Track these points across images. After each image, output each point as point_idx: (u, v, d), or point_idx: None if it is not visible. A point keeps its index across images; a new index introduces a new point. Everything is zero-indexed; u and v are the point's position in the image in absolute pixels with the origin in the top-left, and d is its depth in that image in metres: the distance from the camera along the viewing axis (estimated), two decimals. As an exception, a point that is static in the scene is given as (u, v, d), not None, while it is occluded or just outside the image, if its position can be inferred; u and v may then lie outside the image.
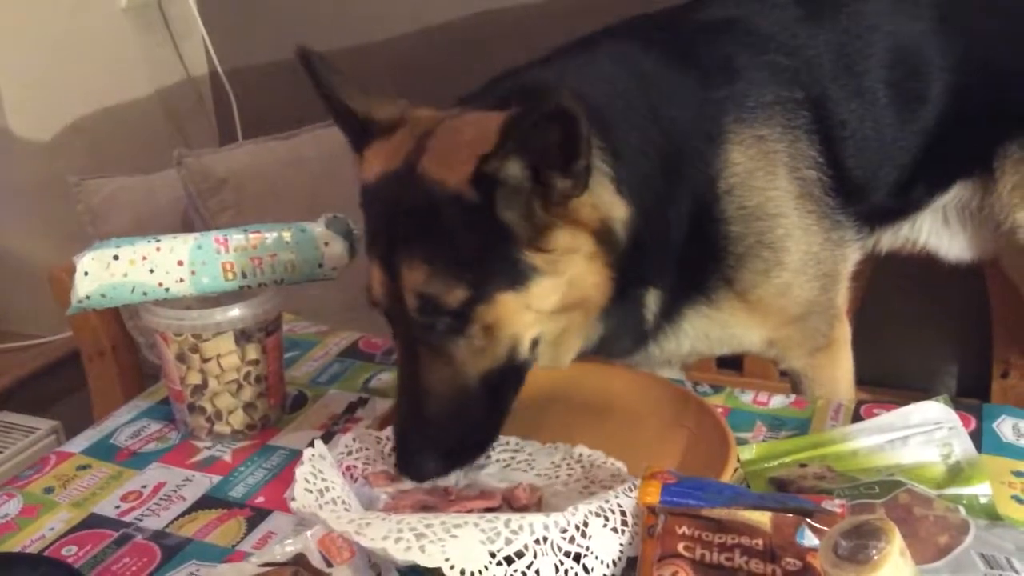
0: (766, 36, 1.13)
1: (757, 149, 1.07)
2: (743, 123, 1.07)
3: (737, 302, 1.10)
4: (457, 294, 0.90)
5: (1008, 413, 1.05)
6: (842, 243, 1.15)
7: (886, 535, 0.65)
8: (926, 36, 1.18)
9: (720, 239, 1.07)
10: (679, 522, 0.78)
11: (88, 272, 1.05)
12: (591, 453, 1.00)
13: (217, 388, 1.08)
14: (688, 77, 1.08)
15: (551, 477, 0.97)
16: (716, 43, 1.12)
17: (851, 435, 0.98)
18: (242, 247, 1.08)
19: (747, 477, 0.96)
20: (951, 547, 0.79)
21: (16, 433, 1.84)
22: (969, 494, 0.87)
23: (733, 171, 1.06)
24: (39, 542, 0.95)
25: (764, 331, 1.14)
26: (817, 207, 1.11)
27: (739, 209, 1.07)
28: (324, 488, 0.85)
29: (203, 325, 1.06)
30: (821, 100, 1.13)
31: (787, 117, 1.10)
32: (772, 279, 1.10)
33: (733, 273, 1.08)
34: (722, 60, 1.10)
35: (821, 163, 1.11)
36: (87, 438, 1.14)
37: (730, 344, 1.16)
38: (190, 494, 1.02)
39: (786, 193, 1.09)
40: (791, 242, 1.10)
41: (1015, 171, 1.23)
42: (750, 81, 1.10)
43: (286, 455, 1.08)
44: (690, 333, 1.12)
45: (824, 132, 1.12)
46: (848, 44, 1.16)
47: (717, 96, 1.08)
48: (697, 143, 1.06)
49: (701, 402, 1.07)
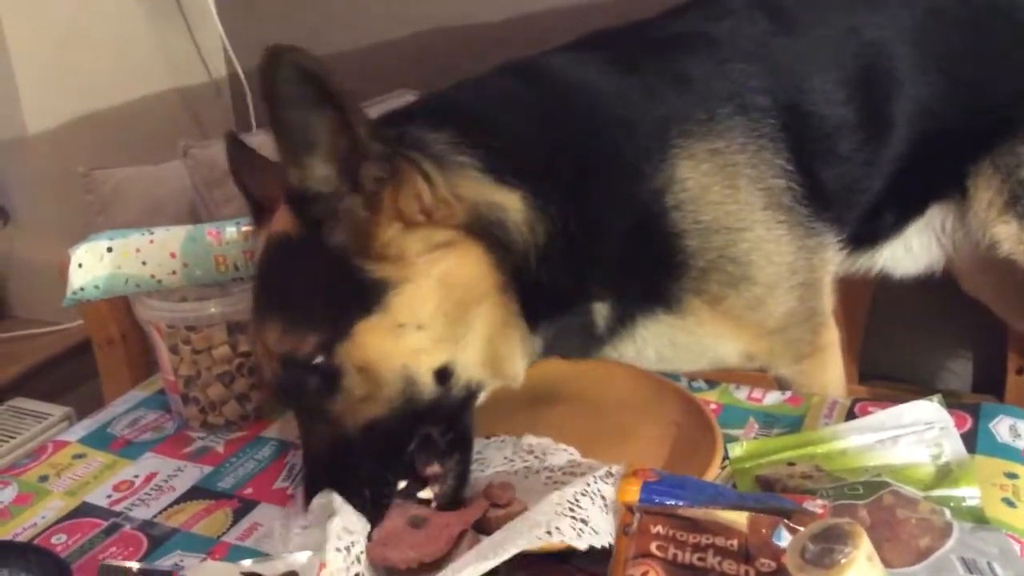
0: (729, 46, 1.10)
1: (711, 163, 1.03)
2: (692, 136, 1.03)
3: (706, 311, 1.06)
4: (309, 341, 0.82)
5: (1006, 413, 1.03)
6: (820, 248, 1.10)
7: (853, 539, 0.64)
8: (899, 53, 1.15)
9: (677, 252, 1.02)
10: (654, 521, 0.77)
11: (82, 264, 1.06)
12: (539, 441, 0.99)
13: (210, 379, 1.09)
14: (628, 90, 1.04)
15: (509, 472, 0.96)
16: (668, 56, 1.08)
17: (841, 434, 0.97)
18: (235, 240, 1.09)
19: (734, 475, 0.95)
20: (932, 550, 0.77)
21: (29, 419, 1.87)
22: (956, 496, 0.86)
23: (683, 186, 1.01)
24: (30, 530, 0.97)
25: (740, 343, 1.10)
26: (788, 216, 1.07)
27: (694, 223, 1.02)
28: (351, 544, 0.80)
29: (195, 317, 1.07)
30: (792, 108, 1.09)
31: (750, 127, 1.05)
32: (742, 292, 1.06)
33: (699, 285, 1.04)
34: (671, 73, 1.06)
35: (790, 171, 1.06)
36: (85, 427, 1.16)
37: (704, 355, 1.11)
38: (180, 484, 1.03)
39: (748, 206, 1.04)
40: (758, 255, 1.05)
41: (988, 186, 1.21)
42: (705, 92, 1.05)
43: (277, 446, 1.09)
44: (649, 340, 1.07)
45: (794, 140, 1.07)
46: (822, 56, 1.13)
47: (659, 111, 1.03)
48: (632, 158, 1.01)
49: (692, 399, 1.06)
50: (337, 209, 0.83)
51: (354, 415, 0.86)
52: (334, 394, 0.85)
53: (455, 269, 0.87)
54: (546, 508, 0.79)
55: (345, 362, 0.84)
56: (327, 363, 0.83)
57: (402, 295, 0.84)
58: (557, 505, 0.78)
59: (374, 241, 0.84)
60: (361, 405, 0.86)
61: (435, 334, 0.86)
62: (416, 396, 0.87)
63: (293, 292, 0.85)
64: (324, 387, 0.84)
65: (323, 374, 0.84)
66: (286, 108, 0.78)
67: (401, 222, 0.85)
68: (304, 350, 0.83)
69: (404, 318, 0.84)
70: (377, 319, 0.83)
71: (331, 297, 0.84)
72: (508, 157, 0.94)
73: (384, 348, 0.84)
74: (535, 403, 1.07)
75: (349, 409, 0.86)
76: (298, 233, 0.85)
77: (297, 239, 0.85)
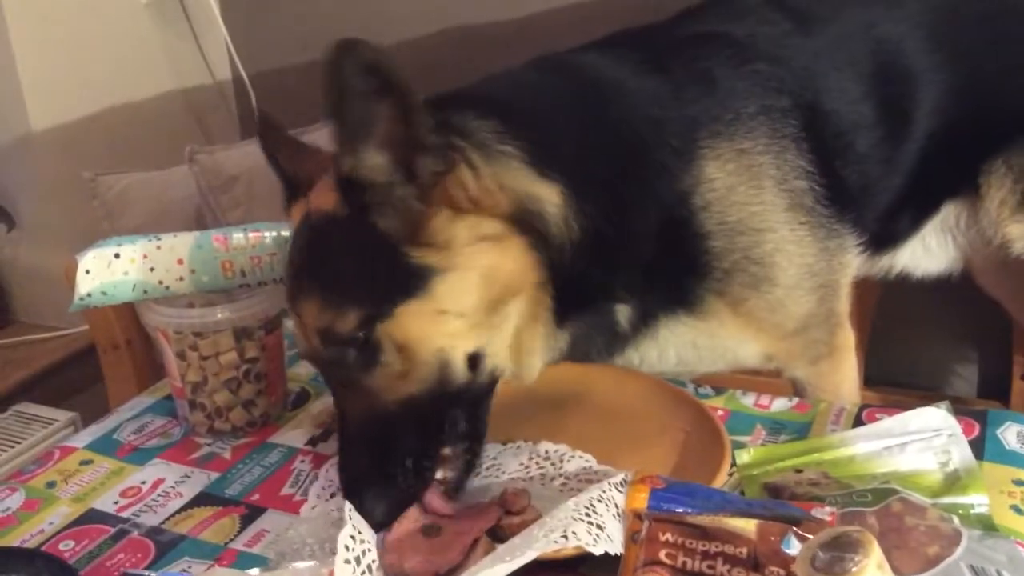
0: (750, 47, 1.10)
1: (737, 163, 1.04)
2: (720, 137, 1.04)
3: (728, 314, 1.07)
4: (350, 317, 0.84)
5: (1013, 419, 1.02)
6: (840, 251, 1.11)
7: (864, 548, 0.64)
8: (915, 49, 1.16)
9: (702, 254, 1.03)
10: (663, 528, 0.77)
11: (90, 270, 1.06)
12: (556, 448, 0.99)
13: (216, 385, 1.09)
14: (658, 89, 1.05)
15: (524, 479, 0.96)
16: (693, 56, 1.09)
17: (849, 440, 0.97)
18: (242, 246, 1.09)
19: (742, 482, 0.95)
20: (941, 558, 0.77)
21: (35, 424, 1.87)
22: (965, 503, 0.86)
23: (710, 186, 1.02)
24: (38, 536, 0.96)
25: (759, 345, 1.11)
26: (810, 217, 1.07)
27: (719, 224, 1.03)
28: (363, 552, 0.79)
29: (202, 323, 1.07)
30: (812, 108, 1.10)
31: (773, 127, 1.06)
32: (763, 294, 1.06)
33: (722, 287, 1.05)
34: (698, 73, 1.07)
35: (812, 172, 1.07)
36: (91, 433, 1.16)
37: (724, 357, 1.12)
38: (187, 491, 1.02)
39: (772, 207, 1.05)
40: (781, 257, 1.06)
41: (1001, 185, 1.21)
42: (729, 93, 1.06)
43: (285, 452, 1.09)
44: (672, 341, 1.08)
45: (815, 140, 1.08)
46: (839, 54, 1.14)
47: (688, 110, 1.04)
48: (662, 157, 1.02)
49: (700, 405, 1.06)
50: (390, 197, 0.85)
51: (391, 390, 0.88)
52: (371, 368, 0.87)
53: (500, 263, 0.89)
54: (562, 513, 0.79)
55: (385, 339, 0.86)
56: (367, 338, 0.85)
57: (446, 283, 0.86)
58: (574, 511, 0.79)
59: (423, 230, 0.86)
60: (398, 382, 0.88)
61: (472, 321, 0.88)
62: (448, 378, 0.89)
63: (336, 269, 0.87)
64: (362, 361, 0.86)
65: (362, 348, 0.86)
66: (350, 98, 0.80)
67: (450, 208, 0.87)
68: (346, 325, 0.85)
69: (447, 305, 0.86)
70: (420, 303, 0.86)
71: (375, 277, 0.86)
72: (548, 150, 0.95)
73: (424, 331, 0.86)
74: (548, 410, 1.07)
75: (386, 384, 0.88)
76: (344, 213, 0.86)
77: (342, 219, 0.86)
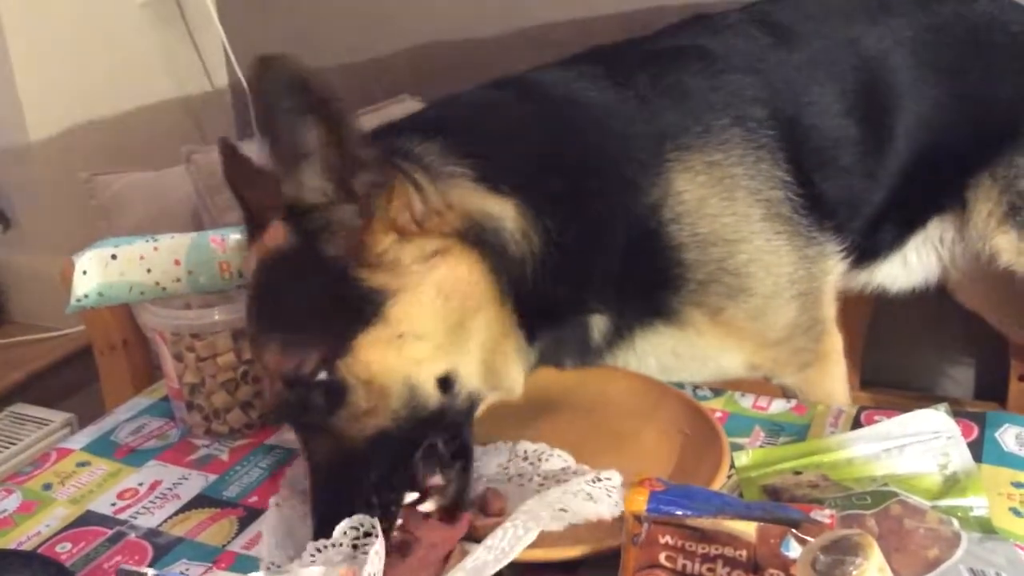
0: (724, 59, 1.10)
1: (708, 175, 1.03)
2: (689, 149, 1.03)
3: (706, 323, 1.06)
4: (312, 358, 0.81)
5: (1011, 421, 1.02)
6: (821, 257, 1.11)
7: (864, 551, 0.64)
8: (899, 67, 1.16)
9: (674, 266, 1.03)
10: (662, 531, 0.77)
11: (87, 271, 1.06)
12: (535, 447, 0.99)
13: (214, 387, 1.09)
14: (622, 104, 1.04)
15: (503, 480, 0.96)
16: (661, 70, 1.08)
17: (847, 443, 0.97)
18: (239, 247, 1.09)
19: (740, 484, 0.95)
20: (940, 560, 0.77)
21: (31, 425, 1.87)
22: (964, 506, 0.86)
23: (679, 199, 1.02)
24: (35, 539, 0.96)
25: (742, 355, 1.11)
26: (787, 227, 1.07)
27: (691, 236, 1.02)
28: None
29: (200, 324, 1.07)
30: (791, 120, 1.09)
31: (747, 138, 1.06)
32: (740, 304, 1.06)
33: (698, 297, 1.04)
34: (665, 86, 1.06)
35: (789, 182, 1.07)
36: (88, 434, 1.16)
37: (707, 365, 1.12)
38: (185, 492, 1.02)
39: (745, 218, 1.05)
40: (756, 267, 1.06)
41: (987, 198, 1.22)
42: (700, 104, 1.06)
43: (282, 454, 1.08)
44: (649, 351, 1.07)
45: (793, 152, 1.08)
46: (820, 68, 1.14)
47: (655, 124, 1.03)
48: (628, 171, 1.01)
49: (698, 407, 1.06)
50: (331, 219, 0.83)
51: (359, 428, 0.85)
52: (338, 409, 0.83)
53: (450, 275, 0.87)
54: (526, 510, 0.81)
55: (348, 377, 0.82)
56: (330, 379, 0.82)
57: (400, 304, 0.83)
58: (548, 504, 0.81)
59: (369, 250, 0.83)
60: (366, 418, 0.84)
61: (435, 343, 0.86)
62: (420, 405, 0.86)
63: (290, 308, 0.85)
64: (328, 403, 0.83)
65: (327, 390, 0.83)
66: (277, 117, 0.78)
67: (395, 232, 0.85)
68: (306, 368, 0.82)
69: (403, 328, 0.84)
70: (377, 331, 0.83)
71: (329, 311, 0.83)
72: (501, 167, 0.94)
73: (386, 360, 0.83)
74: (540, 410, 1.07)
75: (354, 422, 0.84)
76: (293, 246, 0.84)
77: (292, 252, 0.84)
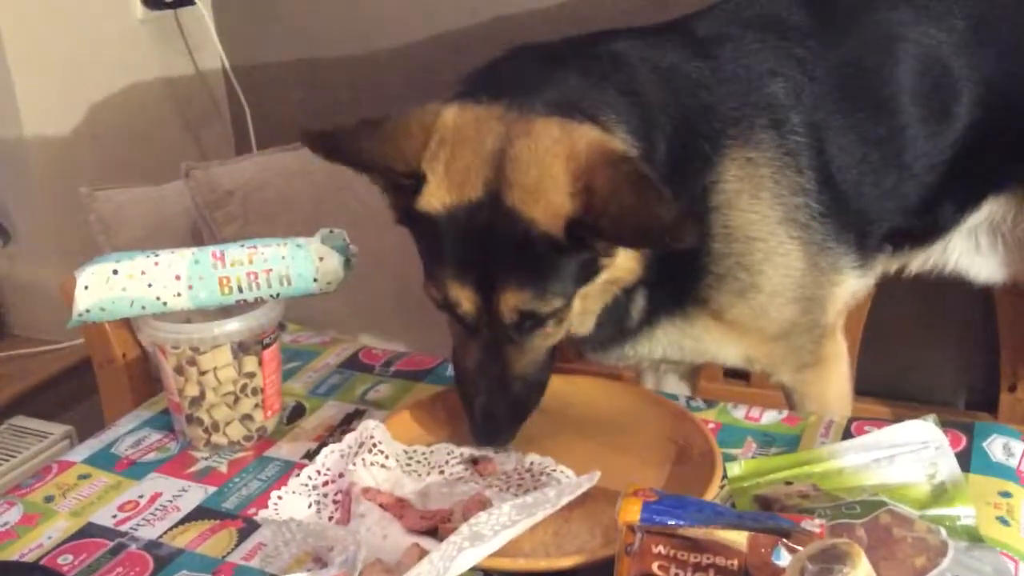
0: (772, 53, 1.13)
1: (745, 171, 1.08)
2: (736, 140, 1.08)
3: (711, 321, 1.12)
4: (554, 305, 1.00)
5: (999, 432, 1.04)
6: (832, 270, 1.14)
7: (851, 559, 0.65)
8: (955, 46, 1.16)
9: (703, 255, 1.09)
10: (655, 541, 0.78)
11: (88, 286, 1.07)
12: (541, 460, 1.02)
13: (214, 400, 1.10)
14: (703, 72, 1.10)
15: (502, 488, 0.98)
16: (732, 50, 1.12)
17: (838, 453, 0.98)
18: (239, 262, 1.10)
19: (733, 494, 0.97)
20: (927, 569, 0.79)
21: (30, 438, 1.87)
22: (951, 515, 0.87)
23: (723, 187, 1.08)
24: (37, 551, 0.97)
25: (741, 348, 1.16)
26: (802, 233, 1.11)
27: (723, 227, 1.08)
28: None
29: (200, 338, 1.08)
30: (820, 127, 1.12)
31: (778, 142, 1.10)
32: (748, 300, 1.11)
33: (710, 292, 1.10)
34: (735, 69, 1.11)
35: (809, 190, 1.11)
36: (89, 447, 1.17)
37: (704, 356, 1.18)
38: (185, 504, 1.03)
39: (765, 218, 1.09)
40: (767, 266, 1.10)
41: None
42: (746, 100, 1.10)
43: (281, 466, 1.10)
44: (663, 340, 1.15)
45: (819, 159, 1.11)
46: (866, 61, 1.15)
47: (726, 103, 1.09)
48: (702, 144, 1.07)
49: (691, 417, 1.08)
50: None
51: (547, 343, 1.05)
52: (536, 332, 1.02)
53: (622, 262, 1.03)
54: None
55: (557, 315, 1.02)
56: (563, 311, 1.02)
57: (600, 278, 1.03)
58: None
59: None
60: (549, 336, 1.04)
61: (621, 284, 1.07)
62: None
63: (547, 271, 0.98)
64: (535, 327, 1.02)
65: (557, 319, 1.02)
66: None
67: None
68: (545, 310, 1.00)
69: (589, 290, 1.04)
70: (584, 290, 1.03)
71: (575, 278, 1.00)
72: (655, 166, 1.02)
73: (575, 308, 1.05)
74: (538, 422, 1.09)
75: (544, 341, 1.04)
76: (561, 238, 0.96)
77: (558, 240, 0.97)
